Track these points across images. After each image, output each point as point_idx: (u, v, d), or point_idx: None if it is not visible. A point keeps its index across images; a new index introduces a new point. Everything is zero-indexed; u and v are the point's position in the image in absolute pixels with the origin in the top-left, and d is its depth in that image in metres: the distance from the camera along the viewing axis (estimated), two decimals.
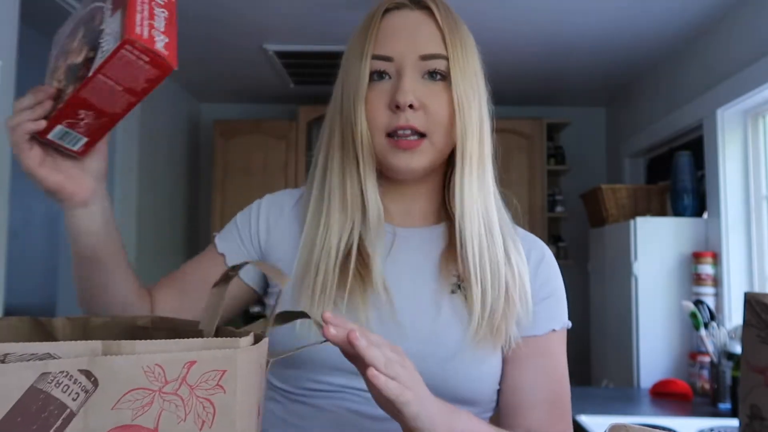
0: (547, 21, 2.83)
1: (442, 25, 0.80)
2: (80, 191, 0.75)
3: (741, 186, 2.70)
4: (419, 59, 0.79)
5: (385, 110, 0.79)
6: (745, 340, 0.74)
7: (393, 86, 0.79)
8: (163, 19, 0.64)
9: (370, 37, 0.80)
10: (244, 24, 2.89)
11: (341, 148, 0.82)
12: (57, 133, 0.70)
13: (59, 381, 0.41)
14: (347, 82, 0.81)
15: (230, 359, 0.46)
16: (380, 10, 0.82)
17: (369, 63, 0.79)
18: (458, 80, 0.79)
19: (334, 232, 0.81)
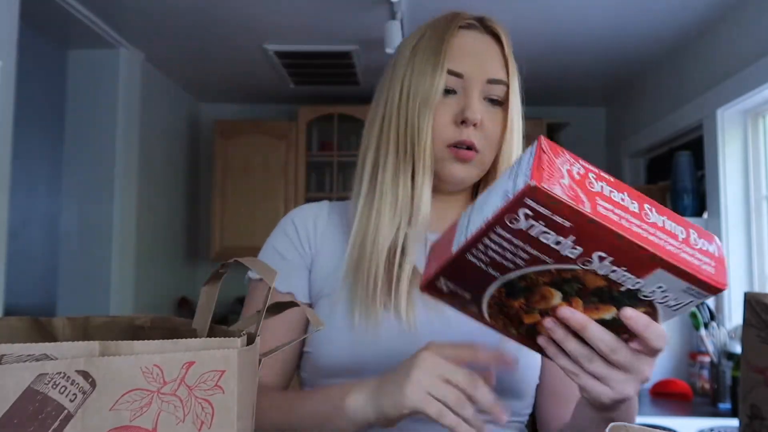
0: (547, 21, 2.83)
1: (507, 54, 0.87)
2: None
3: (741, 186, 2.70)
4: (486, 82, 0.84)
5: (450, 124, 0.83)
6: (745, 340, 0.74)
7: (460, 102, 0.83)
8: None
9: (446, 50, 0.83)
10: (244, 24, 2.89)
11: (396, 151, 0.84)
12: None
13: (56, 382, 0.41)
14: (414, 88, 0.83)
15: (229, 359, 0.46)
16: (455, 26, 0.85)
17: (444, 77, 0.82)
18: (513, 107, 0.87)
19: (384, 231, 0.83)
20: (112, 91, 3.16)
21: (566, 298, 0.54)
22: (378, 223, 0.83)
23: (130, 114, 3.27)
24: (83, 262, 3.13)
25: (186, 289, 4.09)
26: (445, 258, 0.57)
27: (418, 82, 0.83)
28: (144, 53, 3.33)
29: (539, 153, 0.52)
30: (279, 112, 4.28)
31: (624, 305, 0.53)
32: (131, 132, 3.29)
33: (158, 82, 3.65)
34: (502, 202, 0.50)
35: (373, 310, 0.79)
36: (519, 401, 0.83)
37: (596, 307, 0.54)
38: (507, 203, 0.49)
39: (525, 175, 0.50)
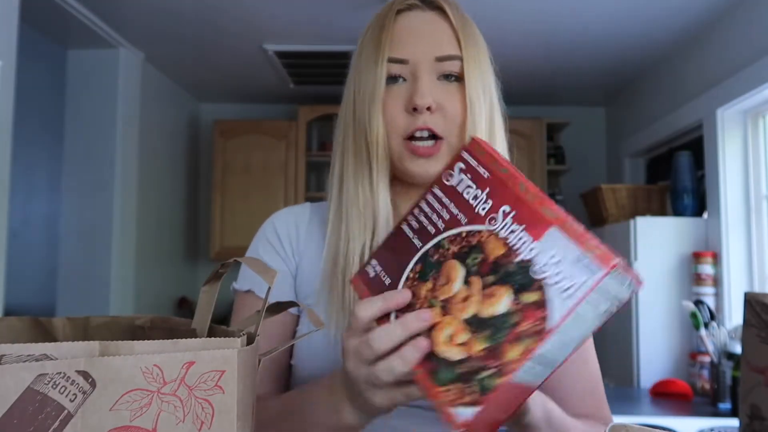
0: (547, 21, 2.83)
1: (456, 25, 0.80)
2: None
3: (741, 186, 2.70)
4: (435, 61, 0.78)
5: (402, 113, 0.78)
6: (745, 340, 0.74)
7: (409, 89, 0.78)
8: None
9: (385, 40, 0.79)
10: (244, 24, 2.89)
11: (355, 153, 0.81)
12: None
13: (56, 382, 0.41)
14: (361, 86, 0.80)
15: (229, 359, 0.46)
16: (392, 11, 0.81)
17: (385, 66, 0.78)
18: (471, 80, 0.78)
19: (354, 241, 0.79)
20: (112, 91, 3.16)
21: (467, 278, 0.53)
22: (347, 233, 0.79)
23: (130, 114, 3.27)
24: (83, 262, 3.13)
25: (186, 289, 4.09)
26: (387, 237, 0.61)
27: (364, 77, 0.80)
28: (144, 53, 3.33)
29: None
30: (279, 112, 4.28)
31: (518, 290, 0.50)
32: (131, 132, 3.29)
33: (158, 82, 3.65)
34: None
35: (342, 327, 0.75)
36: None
37: (491, 291, 0.52)
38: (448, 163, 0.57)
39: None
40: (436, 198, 0.58)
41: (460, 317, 0.53)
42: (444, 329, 0.53)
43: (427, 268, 0.57)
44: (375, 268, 0.60)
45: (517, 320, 0.49)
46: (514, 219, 0.52)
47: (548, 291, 0.48)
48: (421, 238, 0.58)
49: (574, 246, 0.48)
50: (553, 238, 0.49)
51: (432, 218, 0.58)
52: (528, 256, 0.50)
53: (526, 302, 0.49)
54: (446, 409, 0.51)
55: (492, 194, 0.54)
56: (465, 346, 0.51)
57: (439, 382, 0.52)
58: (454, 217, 0.56)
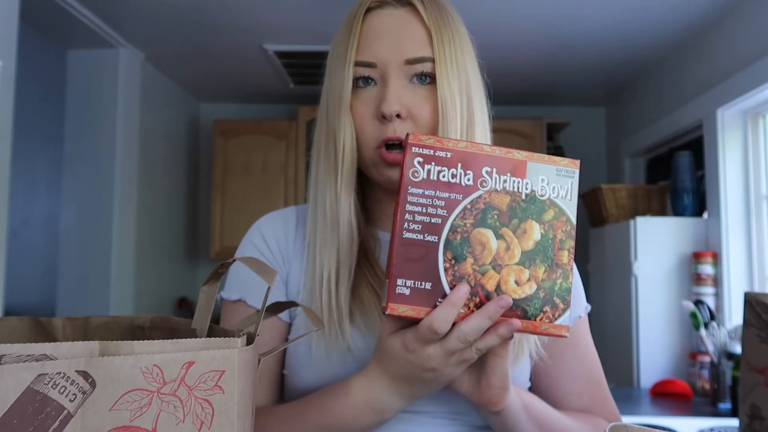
0: (547, 21, 2.83)
1: (429, 23, 0.75)
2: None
3: (741, 186, 2.70)
4: (404, 64, 0.74)
5: (372, 120, 0.75)
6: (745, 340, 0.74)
7: (379, 93, 0.75)
8: None
9: (352, 42, 0.75)
10: (244, 24, 2.89)
11: (326, 159, 0.78)
12: None
13: (56, 382, 0.41)
14: (332, 89, 0.77)
15: (229, 360, 0.46)
16: (361, 10, 0.77)
17: (352, 70, 0.75)
18: (444, 82, 0.74)
19: (328, 251, 0.77)
20: (112, 91, 3.16)
21: (497, 235, 0.62)
22: (322, 244, 0.77)
23: (130, 114, 3.27)
24: (83, 262, 3.13)
25: (186, 289, 4.09)
26: (391, 255, 0.61)
27: (333, 81, 0.77)
28: (144, 53, 3.33)
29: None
30: (279, 112, 4.28)
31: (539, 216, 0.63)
32: (131, 132, 3.29)
33: (158, 82, 3.65)
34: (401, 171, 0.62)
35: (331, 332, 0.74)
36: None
37: (523, 230, 0.62)
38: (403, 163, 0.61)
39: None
40: (417, 196, 0.61)
41: (513, 263, 0.62)
42: (509, 280, 0.62)
43: (457, 250, 0.61)
44: (406, 284, 0.61)
45: (552, 235, 0.63)
46: (498, 173, 0.62)
47: (557, 203, 0.63)
48: (433, 232, 0.61)
49: (550, 166, 0.63)
50: (533, 169, 0.63)
51: (429, 212, 0.61)
52: (527, 190, 0.63)
53: (549, 219, 0.63)
54: (550, 330, 0.62)
55: (466, 165, 0.62)
56: (531, 279, 0.62)
57: (533, 317, 0.62)
58: (449, 200, 0.61)
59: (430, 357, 0.62)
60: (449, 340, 0.61)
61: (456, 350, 0.61)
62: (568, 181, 0.63)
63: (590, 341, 0.88)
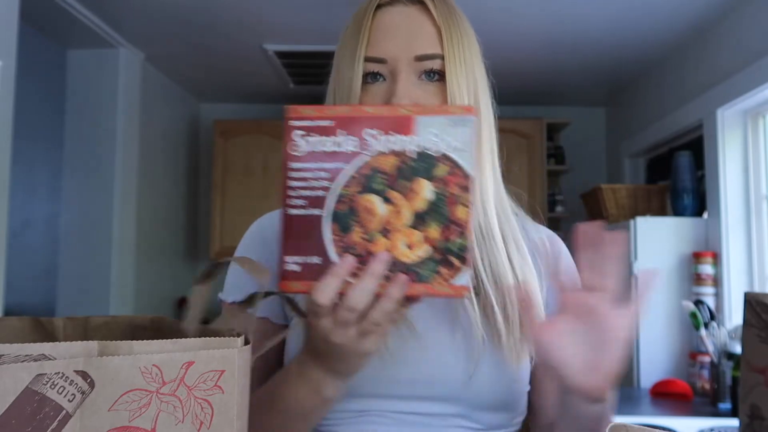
0: (547, 21, 2.83)
1: (438, 21, 0.76)
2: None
3: (741, 186, 2.70)
4: (414, 60, 0.75)
5: None
6: (745, 340, 0.74)
7: (388, 89, 0.75)
8: None
9: (362, 37, 0.76)
10: (244, 24, 2.89)
11: None
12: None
13: (55, 382, 0.40)
14: (339, 85, 0.78)
15: (228, 359, 0.46)
16: (372, 6, 0.77)
17: (362, 66, 0.75)
18: (453, 80, 0.75)
19: None
20: (112, 91, 3.16)
21: (385, 199, 0.58)
22: None
23: (130, 114, 3.27)
24: (83, 262, 3.13)
25: (186, 289, 4.09)
26: (281, 233, 0.60)
27: (342, 77, 0.77)
28: (144, 53, 3.33)
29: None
30: (279, 112, 4.24)
31: (429, 173, 0.58)
32: (131, 132, 3.29)
33: (158, 82, 3.65)
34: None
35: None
36: (508, 413, 0.79)
37: (412, 190, 0.58)
38: (284, 139, 0.59)
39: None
40: (299, 170, 0.60)
41: (403, 227, 0.58)
42: (398, 245, 0.58)
43: (343, 220, 0.59)
44: (295, 261, 0.60)
45: (445, 191, 0.58)
46: (382, 133, 0.59)
47: (451, 156, 0.58)
48: (317, 206, 0.59)
49: (441, 117, 0.58)
50: (422, 123, 0.58)
51: (312, 185, 0.59)
52: (416, 147, 0.58)
53: (441, 175, 0.58)
54: (448, 291, 0.58)
55: (349, 131, 0.59)
56: (423, 241, 0.58)
57: (427, 279, 0.58)
58: (333, 170, 0.59)
59: (327, 330, 0.60)
60: (338, 311, 0.58)
61: (348, 321, 0.58)
62: (464, 131, 0.58)
63: None
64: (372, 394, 0.75)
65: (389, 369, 0.75)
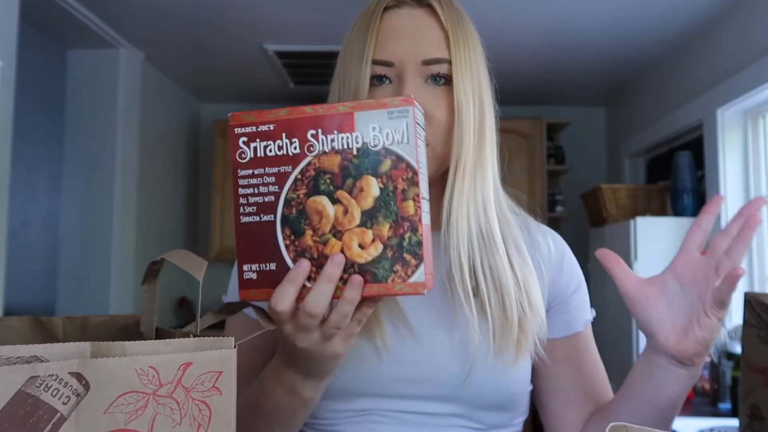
0: (547, 21, 2.83)
1: (446, 25, 0.76)
2: None
3: (741, 186, 2.69)
4: (421, 64, 0.75)
5: None
6: (745, 340, 0.74)
7: (395, 92, 0.75)
8: None
9: (370, 40, 0.75)
10: (244, 24, 2.89)
11: None
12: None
13: (48, 384, 0.40)
14: (346, 87, 0.77)
15: (226, 360, 0.45)
16: (379, 8, 0.77)
17: (369, 68, 0.75)
18: (460, 84, 0.75)
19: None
20: (112, 91, 3.16)
21: (333, 200, 0.58)
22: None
23: (130, 114, 3.26)
24: (83, 262, 3.13)
25: (186, 289, 4.09)
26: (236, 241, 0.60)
27: (347, 78, 0.77)
28: (144, 53, 3.33)
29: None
30: None
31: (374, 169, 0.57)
32: (131, 132, 3.29)
33: (158, 82, 3.65)
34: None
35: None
36: (508, 413, 0.79)
37: (360, 188, 0.58)
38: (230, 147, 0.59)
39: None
40: (247, 177, 0.60)
41: (353, 226, 0.58)
42: (352, 245, 0.58)
43: (294, 224, 0.59)
44: (251, 269, 0.60)
45: (392, 187, 0.57)
46: (323, 133, 0.58)
47: (394, 149, 0.57)
48: (267, 212, 0.59)
49: (379, 111, 0.57)
50: (361, 119, 0.58)
51: (261, 191, 0.59)
52: (358, 144, 0.58)
53: (386, 170, 0.57)
54: (405, 290, 0.57)
55: (291, 134, 0.59)
56: (376, 239, 0.57)
57: (384, 278, 0.57)
58: (279, 174, 0.59)
59: (290, 336, 0.60)
60: (299, 316, 0.58)
61: (309, 326, 0.59)
62: (403, 122, 0.57)
63: (595, 347, 0.87)
64: (371, 394, 0.76)
65: (388, 368, 0.75)
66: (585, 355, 0.85)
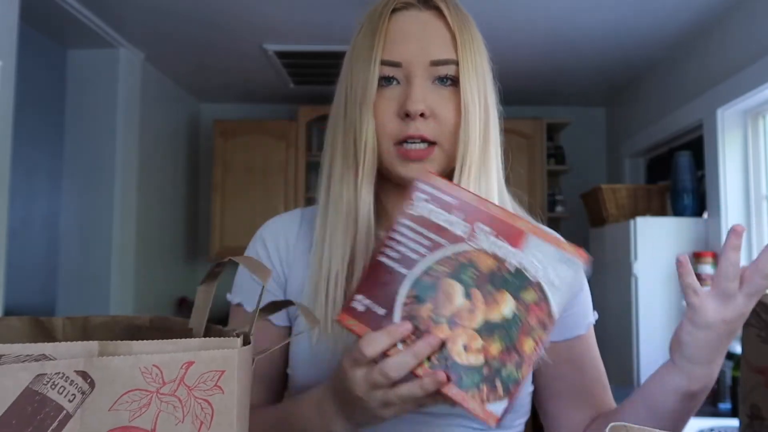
0: (547, 21, 2.83)
1: (453, 27, 0.77)
2: None
3: (741, 186, 2.70)
4: (429, 65, 0.76)
5: (394, 118, 0.76)
6: (745, 340, 0.74)
7: (402, 93, 0.76)
8: None
9: (378, 41, 0.76)
10: (244, 24, 2.89)
11: (343, 156, 0.79)
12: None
13: (55, 382, 0.41)
14: (353, 87, 0.78)
15: (228, 359, 0.46)
16: (388, 9, 0.78)
17: (378, 68, 0.75)
18: (466, 85, 0.76)
19: (336, 250, 0.77)
20: (112, 91, 3.16)
21: (467, 292, 0.59)
22: (332, 240, 0.77)
23: (129, 114, 3.26)
24: (83, 262, 3.13)
25: (186, 289, 4.09)
26: (365, 271, 0.62)
27: (355, 79, 0.77)
28: (144, 53, 3.33)
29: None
30: (279, 112, 4.28)
31: (517, 293, 0.58)
32: (131, 132, 3.29)
33: (158, 82, 3.65)
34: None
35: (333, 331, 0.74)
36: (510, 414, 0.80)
37: (495, 300, 0.58)
38: (410, 194, 0.62)
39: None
40: (407, 228, 0.61)
41: (470, 327, 0.58)
42: (457, 341, 0.58)
43: (423, 291, 0.60)
44: (363, 302, 0.61)
45: (524, 318, 0.57)
46: (493, 234, 0.59)
47: (545, 289, 0.57)
48: (406, 266, 0.61)
49: (552, 247, 0.58)
50: (532, 244, 0.58)
51: (411, 246, 0.61)
52: (516, 262, 0.58)
53: (528, 301, 0.57)
54: (477, 410, 0.57)
55: (466, 218, 0.60)
56: (481, 351, 0.58)
57: (465, 388, 0.57)
58: (434, 242, 0.61)
59: (355, 382, 0.61)
60: (373, 370, 0.59)
61: (378, 384, 0.59)
62: (568, 272, 0.57)
63: (597, 349, 0.87)
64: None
65: None
66: (587, 358, 0.85)
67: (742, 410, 0.74)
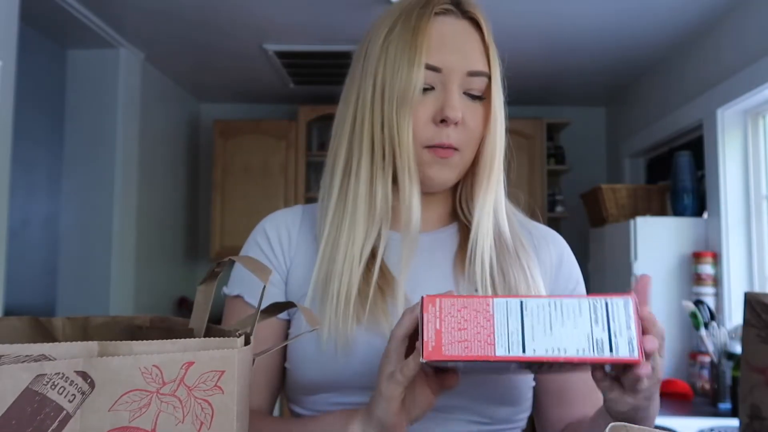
0: (547, 21, 2.83)
1: (488, 41, 0.79)
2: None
3: (741, 186, 2.70)
4: (466, 75, 0.77)
5: (428, 123, 0.76)
6: (745, 340, 0.74)
7: (438, 99, 0.76)
8: None
9: (421, 43, 0.75)
10: (244, 24, 2.89)
11: (371, 154, 0.78)
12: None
13: (55, 383, 0.40)
14: (391, 85, 0.76)
15: (228, 360, 0.46)
16: (430, 12, 0.77)
17: (423, 72, 0.75)
18: (496, 100, 0.78)
19: (357, 241, 0.77)
20: (112, 91, 3.16)
21: None
22: (352, 233, 0.78)
23: (130, 114, 3.26)
24: (83, 262, 3.13)
25: (185, 289, 4.09)
26: (477, 355, 0.57)
27: (393, 78, 0.76)
28: (144, 53, 3.33)
29: (636, 316, 0.57)
30: (279, 112, 4.28)
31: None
32: (131, 132, 3.29)
33: (158, 82, 3.65)
34: (591, 353, 0.55)
35: (344, 327, 0.74)
36: (512, 408, 0.79)
37: None
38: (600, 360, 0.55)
39: (629, 342, 0.55)
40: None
41: None
42: None
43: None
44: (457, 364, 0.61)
45: None
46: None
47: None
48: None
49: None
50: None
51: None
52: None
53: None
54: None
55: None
56: None
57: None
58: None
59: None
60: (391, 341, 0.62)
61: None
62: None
63: None
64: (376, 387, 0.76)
65: None
66: None
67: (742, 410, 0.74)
